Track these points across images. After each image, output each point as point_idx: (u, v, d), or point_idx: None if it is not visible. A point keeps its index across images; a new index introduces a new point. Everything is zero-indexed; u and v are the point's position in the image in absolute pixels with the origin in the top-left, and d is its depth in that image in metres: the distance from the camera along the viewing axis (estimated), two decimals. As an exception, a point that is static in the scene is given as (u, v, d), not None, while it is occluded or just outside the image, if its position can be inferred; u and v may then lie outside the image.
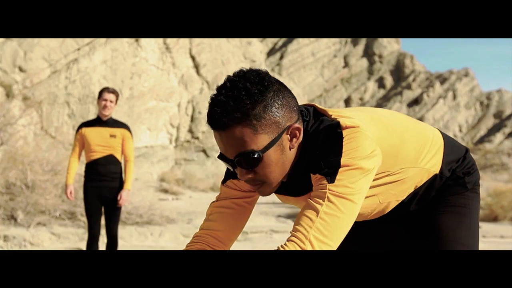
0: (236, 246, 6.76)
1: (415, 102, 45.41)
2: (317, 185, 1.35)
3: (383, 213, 1.66)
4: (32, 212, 6.96)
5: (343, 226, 1.32)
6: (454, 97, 46.38)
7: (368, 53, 47.11)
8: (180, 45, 18.86)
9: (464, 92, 47.37)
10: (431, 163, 1.62)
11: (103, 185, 4.70)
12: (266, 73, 1.40)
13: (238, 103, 1.32)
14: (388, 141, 1.48)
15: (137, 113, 16.43)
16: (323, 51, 45.09)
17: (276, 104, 1.36)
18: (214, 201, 1.59)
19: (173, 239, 7.37)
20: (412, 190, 1.63)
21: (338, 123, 1.39)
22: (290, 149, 1.41)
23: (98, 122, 4.80)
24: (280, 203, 12.32)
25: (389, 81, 46.90)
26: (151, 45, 17.07)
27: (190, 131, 19.30)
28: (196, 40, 19.95)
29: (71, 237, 6.64)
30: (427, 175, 1.62)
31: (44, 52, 13.97)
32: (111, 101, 4.73)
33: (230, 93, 1.33)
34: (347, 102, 44.85)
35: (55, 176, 7.88)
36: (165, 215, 8.31)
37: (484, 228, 9.81)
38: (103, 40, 15.47)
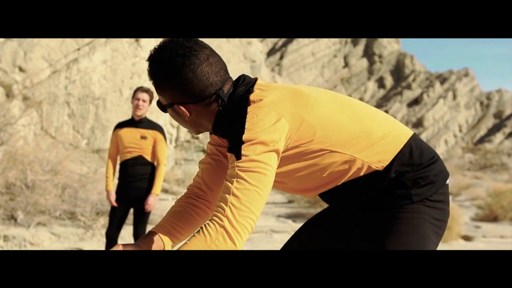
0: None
1: (415, 102, 45.39)
2: (230, 163, 1.51)
3: (307, 190, 1.71)
4: (32, 212, 6.95)
5: (257, 197, 1.45)
6: (454, 97, 46.36)
7: (368, 53, 47.08)
8: (180, 45, 18.84)
9: (464, 92, 47.35)
10: (375, 158, 1.61)
11: (130, 186, 4.61)
12: (185, 56, 1.57)
13: (156, 69, 1.63)
14: (302, 117, 1.56)
15: (137, 113, 16.41)
16: (323, 51, 45.06)
17: (168, 85, 1.60)
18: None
19: (173, 239, 7.35)
20: (346, 176, 1.62)
21: (247, 98, 1.57)
22: (186, 117, 1.63)
23: (131, 122, 4.64)
24: (280, 203, 12.33)
25: (389, 81, 46.88)
26: (151, 45, 17.06)
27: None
28: (196, 40, 19.93)
29: (71, 237, 6.64)
30: (366, 168, 1.61)
31: (44, 52, 13.97)
32: (144, 101, 4.53)
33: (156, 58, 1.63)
34: (347, 102, 44.78)
35: (55, 176, 7.87)
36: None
37: (484, 228, 9.81)
38: (103, 40, 15.47)
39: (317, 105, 1.60)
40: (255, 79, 1.66)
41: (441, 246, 7.97)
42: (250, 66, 24.16)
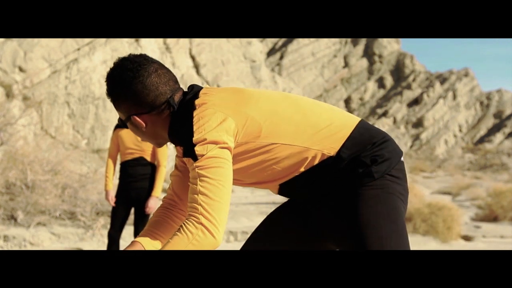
0: (235, 246, 6.76)
1: (415, 102, 45.40)
2: (189, 166, 1.61)
3: (265, 182, 1.76)
4: (32, 212, 6.95)
5: (222, 189, 1.57)
6: (454, 97, 46.37)
7: (368, 53, 47.09)
8: (180, 45, 18.87)
9: (464, 92, 47.36)
10: (325, 144, 1.68)
11: (130, 186, 4.62)
12: (134, 70, 1.68)
13: (110, 86, 1.75)
14: (246, 113, 1.65)
15: (137, 113, 16.41)
16: (323, 51, 45.07)
17: (122, 98, 1.72)
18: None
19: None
20: (301, 166, 1.69)
21: (192, 103, 1.67)
22: (144, 128, 1.74)
23: None
24: (280, 203, 12.31)
25: (389, 81, 46.89)
26: (151, 45, 17.08)
27: (190, 131, 19.27)
28: (196, 40, 19.96)
29: (71, 237, 6.65)
30: (320, 156, 1.68)
31: (44, 52, 13.98)
32: None
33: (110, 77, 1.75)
34: (347, 102, 44.83)
35: (55, 176, 7.87)
36: (165, 215, 8.28)
37: (484, 228, 9.80)
38: (103, 40, 15.47)
39: (259, 100, 1.70)
40: (201, 88, 1.76)
41: (441, 246, 7.97)
42: (250, 66, 24.15)
